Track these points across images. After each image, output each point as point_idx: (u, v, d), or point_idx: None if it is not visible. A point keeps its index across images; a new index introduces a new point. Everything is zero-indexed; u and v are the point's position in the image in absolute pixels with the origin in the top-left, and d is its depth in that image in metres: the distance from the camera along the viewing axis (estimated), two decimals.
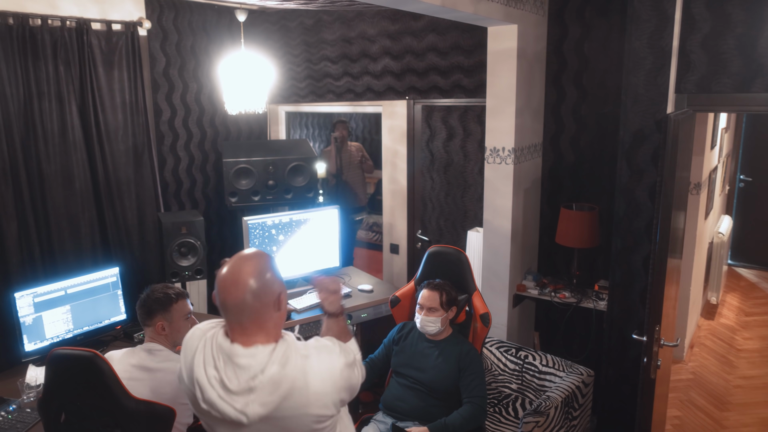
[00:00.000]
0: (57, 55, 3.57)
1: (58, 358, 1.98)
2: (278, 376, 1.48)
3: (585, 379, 3.12)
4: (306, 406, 1.51)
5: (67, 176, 3.70)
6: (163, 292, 2.42)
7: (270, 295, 1.53)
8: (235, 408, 1.47)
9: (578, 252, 3.65)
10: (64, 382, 2.01)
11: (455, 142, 4.37)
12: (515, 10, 3.27)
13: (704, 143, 4.45)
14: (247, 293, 1.49)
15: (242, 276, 1.50)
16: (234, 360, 1.48)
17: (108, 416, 1.96)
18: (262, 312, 1.52)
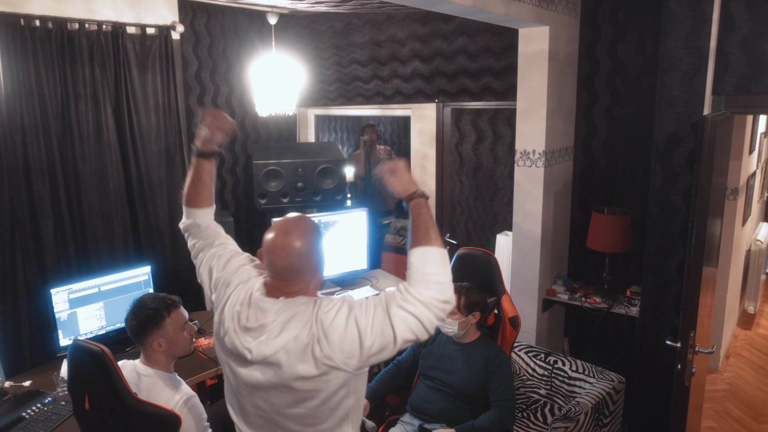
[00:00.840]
0: (93, 58, 3.65)
1: (74, 348, 2.08)
2: (288, 323, 1.53)
3: (616, 386, 3.06)
4: (309, 358, 1.50)
5: (101, 176, 3.78)
6: (152, 306, 2.22)
7: (314, 257, 1.61)
8: (243, 343, 1.57)
9: (610, 257, 3.59)
10: (80, 372, 2.10)
11: (485, 145, 4.35)
12: (547, 11, 3.24)
13: (742, 147, 4.34)
14: (293, 256, 1.56)
15: (290, 239, 1.57)
16: (257, 304, 1.60)
17: (115, 410, 2.01)
18: (304, 272, 1.60)
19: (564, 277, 3.83)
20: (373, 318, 1.48)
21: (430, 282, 1.46)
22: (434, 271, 1.47)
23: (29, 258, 3.50)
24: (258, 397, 1.65)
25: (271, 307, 1.57)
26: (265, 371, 1.57)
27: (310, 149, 4.39)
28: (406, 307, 1.45)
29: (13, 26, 3.28)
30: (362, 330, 1.47)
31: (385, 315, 1.47)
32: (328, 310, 1.52)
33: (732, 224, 4.37)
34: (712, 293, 3.11)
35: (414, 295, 1.46)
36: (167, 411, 2.00)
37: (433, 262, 1.49)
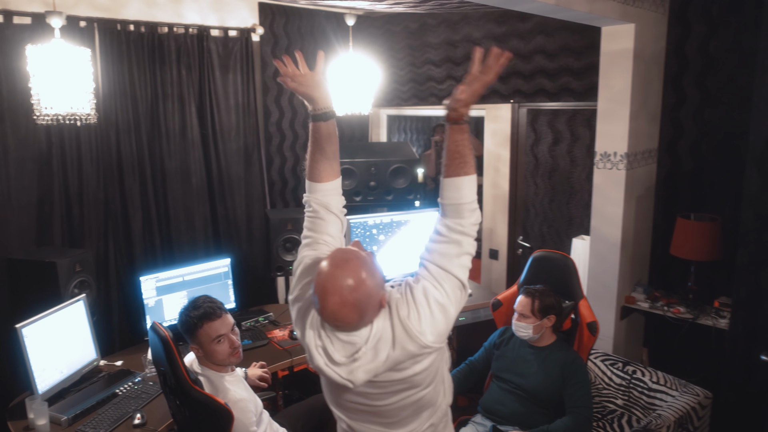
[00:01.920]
0: (180, 60, 3.84)
1: (151, 330, 2.21)
2: (377, 346, 1.51)
3: (702, 401, 2.92)
4: (402, 362, 1.53)
5: (185, 172, 3.96)
6: (190, 315, 2.24)
7: (374, 296, 1.49)
8: (341, 376, 1.53)
9: (696, 265, 3.42)
10: (155, 351, 2.23)
11: (561, 147, 4.24)
12: (633, 8, 3.14)
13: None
14: (352, 316, 1.46)
15: (346, 301, 1.44)
16: (339, 337, 1.53)
17: (179, 392, 2.11)
18: (368, 314, 1.49)
19: (645, 284, 3.69)
20: (443, 286, 1.54)
21: (468, 210, 1.56)
22: (471, 200, 1.57)
23: (120, 247, 3.73)
24: (356, 401, 1.66)
25: (356, 339, 1.51)
26: (366, 387, 1.58)
27: (382, 149, 4.42)
28: (453, 251, 1.55)
29: (111, 31, 3.50)
30: (445, 305, 1.54)
31: (447, 273, 1.54)
32: (408, 313, 1.51)
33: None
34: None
35: (458, 230, 1.55)
36: (221, 404, 2.05)
37: (470, 191, 1.57)
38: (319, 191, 1.73)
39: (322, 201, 1.73)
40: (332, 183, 1.75)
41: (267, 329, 3.48)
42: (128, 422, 2.54)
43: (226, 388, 2.23)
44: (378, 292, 1.49)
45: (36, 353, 2.59)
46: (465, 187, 1.56)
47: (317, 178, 1.73)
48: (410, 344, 1.50)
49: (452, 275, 1.54)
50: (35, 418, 2.45)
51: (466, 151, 1.56)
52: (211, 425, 2.08)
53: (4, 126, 3.18)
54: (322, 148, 1.72)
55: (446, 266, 1.55)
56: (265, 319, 3.61)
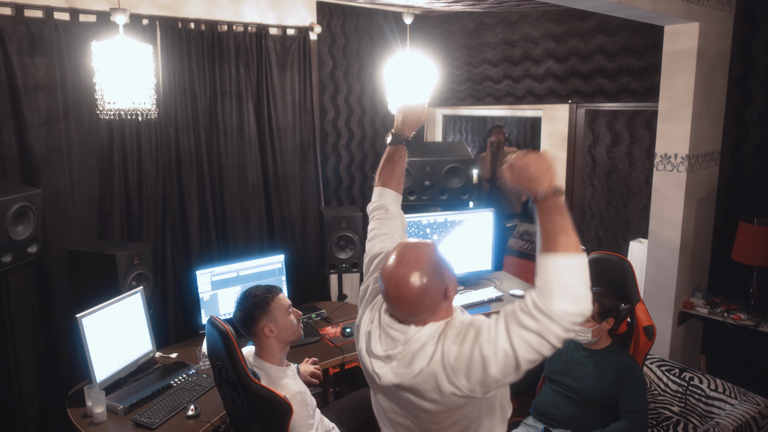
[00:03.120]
0: (239, 58, 3.89)
1: (209, 323, 2.25)
2: (417, 355, 1.48)
3: (762, 410, 2.84)
4: (434, 390, 1.47)
5: (242, 169, 4.02)
6: (256, 294, 2.32)
7: (436, 292, 1.50)
8: (373, 367, 1.59)
9: (758, 271, 3.33)
10: (212, 345, 2.27)
11: (620, 148, 4.18)
12: (697, 6, 3.07)
13: None
14: (408, 302, 1.48)
15: (406, 283, 1.46)
16: (386, 329, 1.58)
17: (237, 386, 2.14)
18: (424, 309, 1.50)
19: (704, 289, 3.60)
20: (496, 343, 1.38)
21: (562, 293, 1.30)
22: (568, 282, 1.30)
23: (177, 242, 3.79)
24: (394, 411, 1.67)
25: (400, 336, 1.53)
26: (392, 392, 1.59)
27: (438, 148, 4.44)
28: (526, 324, 1.33)
29: (172, 29, 3.56)
30: (487, 358, 1.38)
31: (506, 335, 1.37)
32: (453, 341, 1.46)
33: None
34: None
35: (540, 308, 1.31)
36: (280, 397, 2.08)
37: (567, 271, 1.31)
38: (388, 195, 1.94)
39: (391, 206, 1.93)
40: (397, 194, 1.96)
41: (319, 326, 3.51)
42: (182, 413, 2.58)
43: (284, 381, 2.27)
44: (438, 290, 1.49)
45: (95, 343, 2.65)
46: (550, 266, 1.32)
47: (388, 185, 1.95)
48: (440, 372, 1.44)
49: (510, 341, 1.36)
50: (93, 406, 2.51)
51: (553, 229, 1.34)
52: (270, 419, 2.11)
53: (68, 121, 3.24)
54: (395, 166, 1.95)
55: (510, 327, 1.38)
56: (317, 316, 3.64)
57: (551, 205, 1.35)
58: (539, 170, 1.37)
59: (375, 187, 1.97)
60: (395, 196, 1.95)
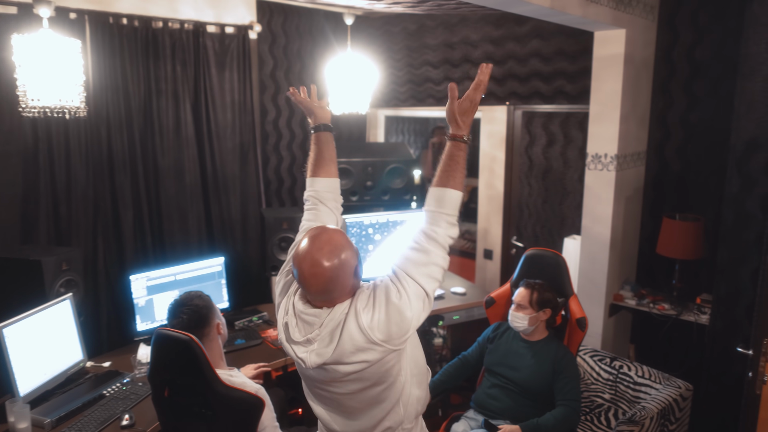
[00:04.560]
0: (175, 56, 3.78)
1: (160, 337, 2.11)
2: (334, 333, 1.61)
3: (683, 393, 3.03)
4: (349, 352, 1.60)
5: (179, 170, 3.91)
6: (197, 296, 2.33)
7: (348, 268, 1.62)
8: (296, 353, 1.68)
9: (680, 263, 3.54)
10: (165, 360, 2.13)
11: (555, 149, 4.35)
12: (624, 14, 3.24)
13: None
14: (323, 279, 1.58)
15: (320, 262, 1.58)
16: (301, 316, 1.67)
17: (201, 397, 2.06)
18: (337, 287, 1.62)
19: (632, 282, 3.80)
20: (407, 291, 1.59)
21: (446, 221, 1.63)
22: (451, 212, 1.64)
23: (110, 246, 3.63)
24: (320, 387, 1.77)
25: (315, 320, 1.64)
26: (319, 372, 1.69)
27: (379, 149, 4.50)
28: (422, 260, 1.60)
29: (102, 24, 3.42)
30: (402, 309, 1.58)
31: (412, 280, 1.60)
32: (365, 306, 1.61)
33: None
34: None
35: (430, 235, 1.61)
36: (253, 395, 2.07)
37: (452, 204, 1.64)
38: (318, 185, 1.98)
39: (321, 195, 1.97)
40: (330, 180, 2.00)
41: (261, 329, 3.49)
42: (116, 423, 2.51)
43: (237, 381, 2.24)
44: (349, 272, 1.62)
45: (18, 354, 2.53)
46: (448, 198, 1.64)
47: (316, 174, 1.99)
48: (358, 335, 1.58)
49: (416, 282, 1.60)
50: (16, 421, 2.38)
51: (457, 167, 1.65)
52: (239, 422, 2.08)
53: None
54: (321, 151, 2.01)
55: (412, 273, 1.61)
56: (259, 319, 3.62)
57: (462, 147, 1.67)
58: (470, 114, 1.69)
59: (307, 179, 2.02)
60: (327, 182, 1.99)
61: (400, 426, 1.80)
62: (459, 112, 1.68)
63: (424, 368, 1.87)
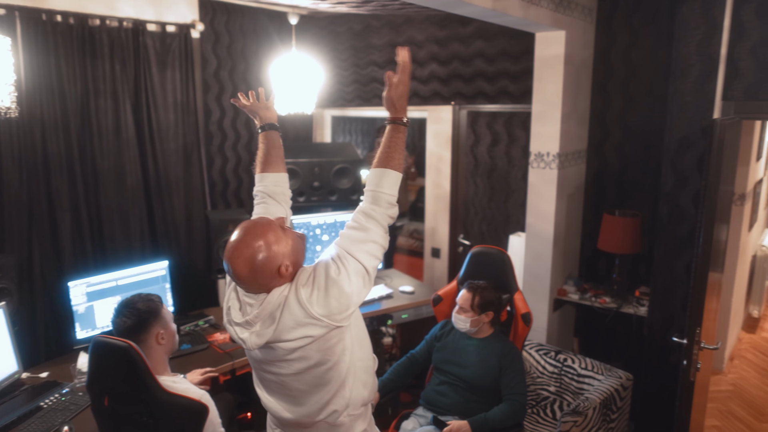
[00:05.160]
0: (113, 55, 3.68)
1: (98, 345, 2.05)
2: (274, 313, 1.65)
3: (624, 383, 3.14)
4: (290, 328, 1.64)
5: (119, 172, 3.80)
6: (145, 300, 2.26)
7: (267, 271, 1.64)
8: (237, 335, 1.72)
9: (620, 258, 3.66)
10: (104, 369, 2.07)
11: (500, 148, 4.43)
12: (563, 16, 3.33)
13: (750, 154, 4.41)
14: (247, 272, 1.63)
15: (237, 260, 1.62)
16: (242, 299, 1.72)
17: (141, 404, 2.02)
18: (261, 283, 1.66)
19: (575, 277, 3.91)
20: (347, 268, 1.64)
21: (386, 201, 1.69)
22: (391, 192, 1.70)
23: (46, 251, 3.50)
24: (266, 369, 1.80)
25: (254, 302, 1.68)
26: (264, 351, 1.73)
27: (326, 149, 4.48)
28: (362, 237, 1.67)
29: (35, 21, 3.29)
30: (341, 283, 1.63)
31: (351, 257, 1.65)
32: (305, 284, 1.65)
33: (738, 229, 4.44)
34: (717, 297, 3.18)
35: (370, 214, 1.68)
36: (196, 401, 2.03)
37: (391, 184, 1.71)
38: (267, 180, 2.01)
39: (270, 190, 1.99)
40: (279, 175, 2.03)
41: (207, 333, 3.41)
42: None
43: (181, 387, 2.19)
44: (277, 259, 1.64)
45: None
46: (387, 178, 1.70)
47: (265, 170, 2.02)
48: (298, 310, 1.62)
49: (356, 259, 1.65)
50: None
51: (396, 149, 1.72)
52: (181, 428, 2.03)
53: None
54: (268, 149, 2.04)
55: (351, 250, 1.66)
56: (205, 323, 3.54)
57: (401, 129, 1.74)
58: (404, 97, 1.76)
59: (256, 175, 2.04)
60: (276, 177, 2.02)
61: (345, 411, 1.81)
62: (396, 96, 1.74)
63: (370, 354, 1.89)
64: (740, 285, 4.77)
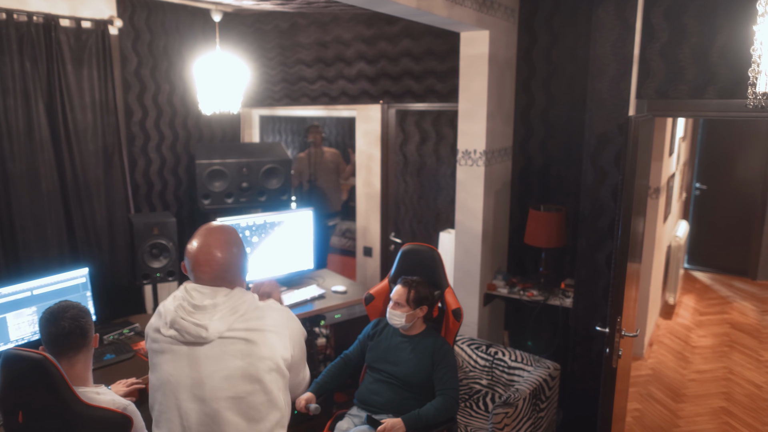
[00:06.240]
0: (23, 51, 3.51)
1: (10, 358, 1.94)
2: (237, 308, 1.73)
3: (552, 373, 3.24)
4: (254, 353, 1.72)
5: (33, 176, 3.64)
6: (73, 306, 2.18)
7: (237, 266, 1.77)
8: (197, 323, 1.70)
9: (546, 252, 3.78)
10: (17, 383, 1.97)
11: (428, 146, 4.48)
12: (487, 16, 3.40)
13: (663, 150, 4.65)
14: (217, 267, 1.72)
15: (213, 251, 1.73)
16: (192, 293, 1.74)
17: (59, 419, 1.93)
18: (230, 278, 1.76)
19: (504, 272, 4.00)
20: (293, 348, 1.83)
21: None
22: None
23: None
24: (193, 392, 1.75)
25: (212, 292, 1.74)
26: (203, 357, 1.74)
27: (254, 149, 4.40)
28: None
29: None
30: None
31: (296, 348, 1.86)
32: (278, 317, 1.80)
33: (654, 221, 4.68)
34: (636, 286, 3.34)
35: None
36: (118, 413, 1.96)
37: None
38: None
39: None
40: None
41: (133, 341, 3.28)
42: None
43: (105, 399, 2.10)
44: (244, 261, 1.80)
45: None
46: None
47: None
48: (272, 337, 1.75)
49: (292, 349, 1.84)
50: None
51: None
52: None
53: None
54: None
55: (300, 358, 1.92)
56: (130, 331, 3.39)
57: None
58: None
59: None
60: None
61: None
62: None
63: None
64: (657, 274, 5.02)
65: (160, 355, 1.80)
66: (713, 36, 2.85)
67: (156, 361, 1.82)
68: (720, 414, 3.97)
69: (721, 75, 2.85)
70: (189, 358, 1.74)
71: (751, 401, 4.12)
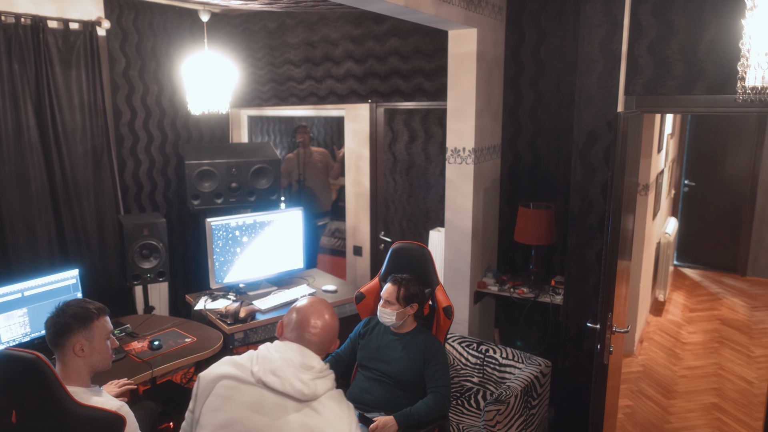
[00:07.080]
0: (11, 53, 3.51)
1: (3, 358, 1.95)
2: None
3: (543, 370, 3.24)
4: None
5: (22, 178, 3.65)
6: (81, 306, 2.13)
7: (331, 336, 1.93)
8: (299, 382, 1.77)
9: (536, 249, 3.78)
10: (11, 383, 1.96)
11: (417, 145, 4.48)
12: (475, 14, 3.40)
13: (651, 146, 4.68)
14: (325, 330, 1.89)
15: (325, 316, 1.91)
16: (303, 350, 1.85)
17: (53, 419, 1.92)
18: (327, 343, 1.92)
19: (494, 269, 4.00)
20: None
21: None
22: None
23: None
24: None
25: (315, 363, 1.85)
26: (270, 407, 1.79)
27: (243, 149, 4.38)
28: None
29: None
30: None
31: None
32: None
33: (643, 218, 4.70)
34: (626, 284, 3.35)
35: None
36: (111, 413, 1.95)
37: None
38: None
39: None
40: None
41: (124, 342, 3.27)
42: None
43: (98, 399, 2.09)
44: (334, 339, 1.95)
45: None
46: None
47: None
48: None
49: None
50: None
51: None
52: None
53: None
54: None
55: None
56: (121, 332, 3.38)
57: None
58: None
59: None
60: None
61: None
62: None
63: None
64: (647, 271, 5.05)
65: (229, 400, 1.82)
66: (701, 32, 2.86)
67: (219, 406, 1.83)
68: (711, 410, 3.99)
69: (709, 71, 2.87)
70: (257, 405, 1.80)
71: (741, 397, 4.15)
